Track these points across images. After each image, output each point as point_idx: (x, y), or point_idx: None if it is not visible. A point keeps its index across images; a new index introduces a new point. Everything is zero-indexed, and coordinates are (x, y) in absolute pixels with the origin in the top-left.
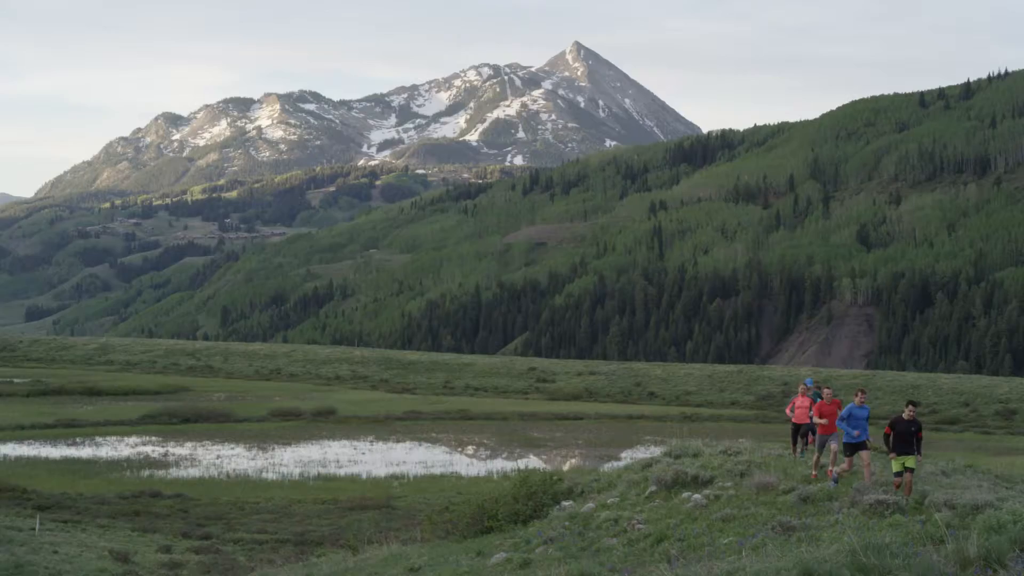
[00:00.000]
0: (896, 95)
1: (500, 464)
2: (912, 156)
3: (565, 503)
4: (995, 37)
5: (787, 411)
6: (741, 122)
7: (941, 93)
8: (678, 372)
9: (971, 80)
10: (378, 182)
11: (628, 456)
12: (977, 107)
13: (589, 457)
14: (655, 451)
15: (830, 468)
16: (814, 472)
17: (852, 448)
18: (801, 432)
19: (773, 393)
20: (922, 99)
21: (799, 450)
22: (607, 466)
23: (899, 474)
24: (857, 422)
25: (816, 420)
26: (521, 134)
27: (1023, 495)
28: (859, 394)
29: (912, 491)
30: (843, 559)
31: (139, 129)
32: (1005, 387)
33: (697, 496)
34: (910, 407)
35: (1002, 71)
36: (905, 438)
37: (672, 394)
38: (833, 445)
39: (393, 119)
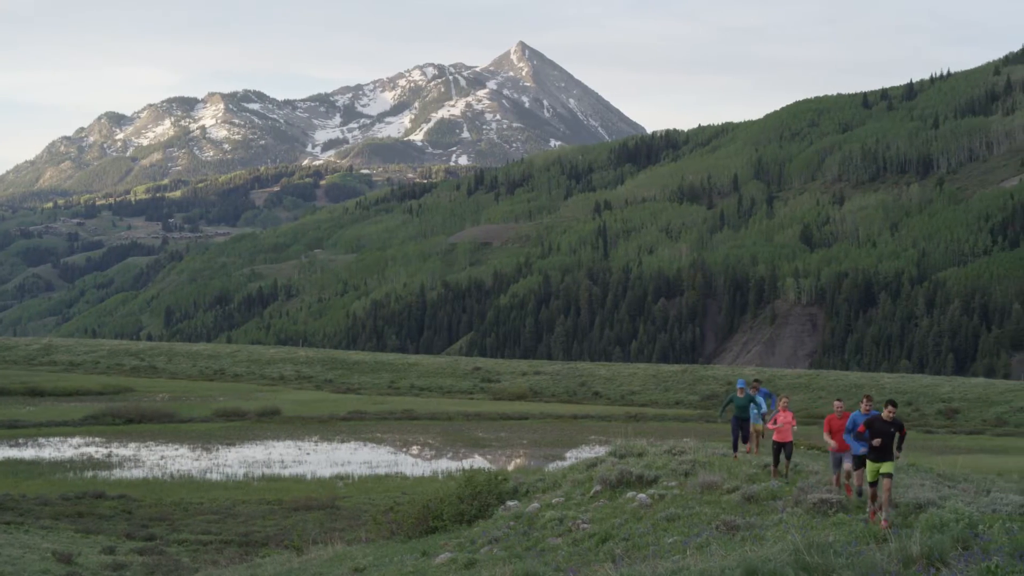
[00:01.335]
0: (839, 96)
1: (445, 464)
2: (855, 156)
3: (510, 503)
4: (938, 39)
5: (769, 426)
6: (685, 122)
7: (884, 94)
8: (623, 372)
9: (914, 81)
10: (323, 182)
11: (573, 456)
12: (920, 108)
13: (534, 457)
14: (600, 451)
15: (847, 483)
16: (848, 491)
17: (860, 461)
18: (786, 451)
19: (717, 393)
20: (865, 100)
21: (780, 470)
22: (552, 466)
23: (873, 483)
24: (861, 445)
25: (826, 439)
26: (466, 134)
27: (965, 494)
28: (865, 401)
29: (890, 501)
30: (787, 558)
31: (82, 128)
32: (947, 386)
33: (642, 496)
34: (889, 407)
35: (944, 72)
36: (884, 439)
37: (617, 394)
38: (847, 464)
39: (338, 119)
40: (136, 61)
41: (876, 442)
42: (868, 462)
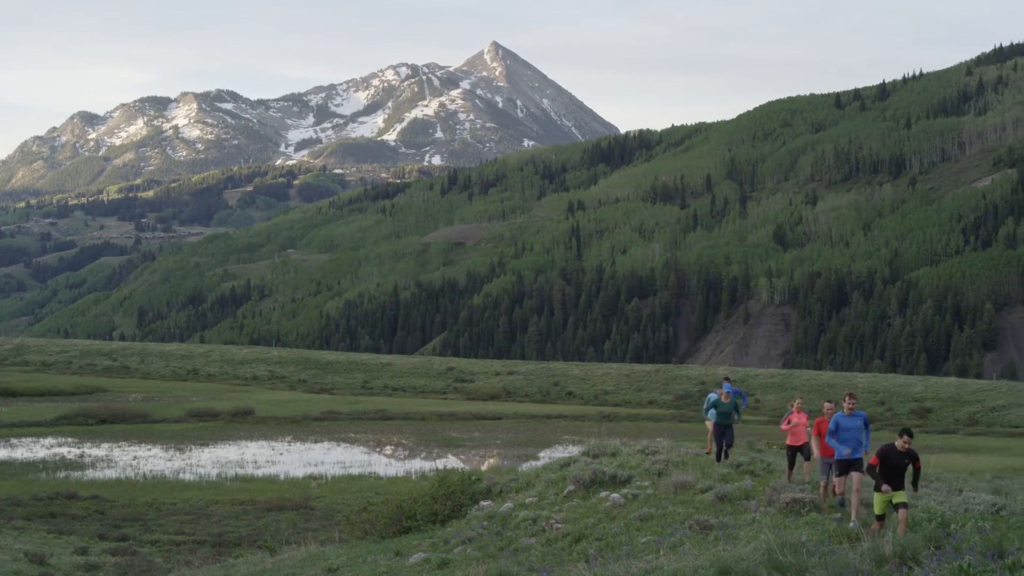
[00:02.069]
0: (812, 96)
1: (418, 464)
2: (828, 156)
3: (483, 503)
4: (911, 39)
5: (783, 427)
6: (659, 122)
7: (857, 94)
8: (596, 372)
9: (887, 81)
10: (296, 182)
11: (546, 456)
12: (892, 108)
13: (507, 457)
14: (573, 451)
15: (833, 489)
16: (825, 507)
17: (844, 467)
18: (803, 453)
19: (691, 392)
20: (838, 100)
21: (797, 476)
22: (525, 466)
23: (880, 517)
24: (847, 435)
25: (811, 445)
26: (439, 134)
27: (938, 493)
28: (847, 399)
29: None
30: (760, 557)
31: (55, 128)
32: (920, 386)
33: (615, 495)
34: (904, 437)
35: (917, 72)
36: (897, 472)
37: (590, 393)
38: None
39: (311, 119)
40: (109, 61)
41: (885, 488)
42: (876, 494)
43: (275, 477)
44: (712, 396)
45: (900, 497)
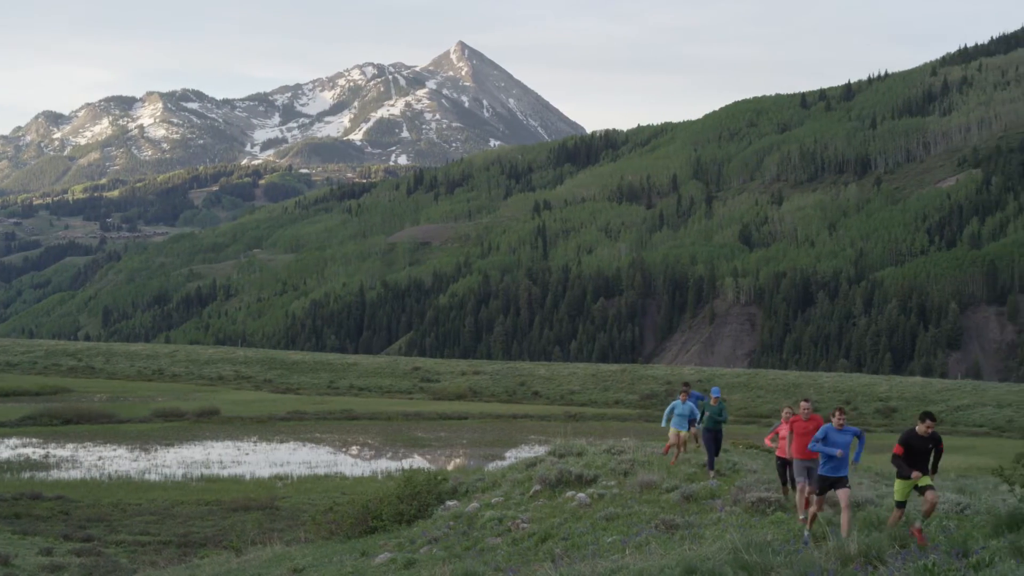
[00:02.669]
0: (778, 96)
1: (385, 464)
2: (794, 156)
3: (449, 503)
4: (876, 39)
5: (767, 441)
6: (625, 122)
7: (822, 94)
8: (562, 371)
9: (852, 81)
10: (262, 181)
11: (512, 456)
12: (858, 108)
13: (473, 457)
14: (539, 450)
15: (817, 504)
16: (800, 516)
17: (826, 483)
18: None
19: (657, 392)
20: (804, 100)
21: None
22: (491, 466)
23: (902, 504)
24: (835, 449)
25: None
26: (405, 134)
27: None
28: (837, 413)
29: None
30: (725, 557)
31: (19, 128)
32: (885, 385)
33: (581, 495)
34: (928, 421)
35: (882, 73)
36: (922, 457)
37: (556, 393)
38: (800, 481)
39: (277, 118)
40: (73, 60)
41: (915, 475)
42: (898, 481)
43: (241, 477)
44: (677, 403)
45: (925, 480)
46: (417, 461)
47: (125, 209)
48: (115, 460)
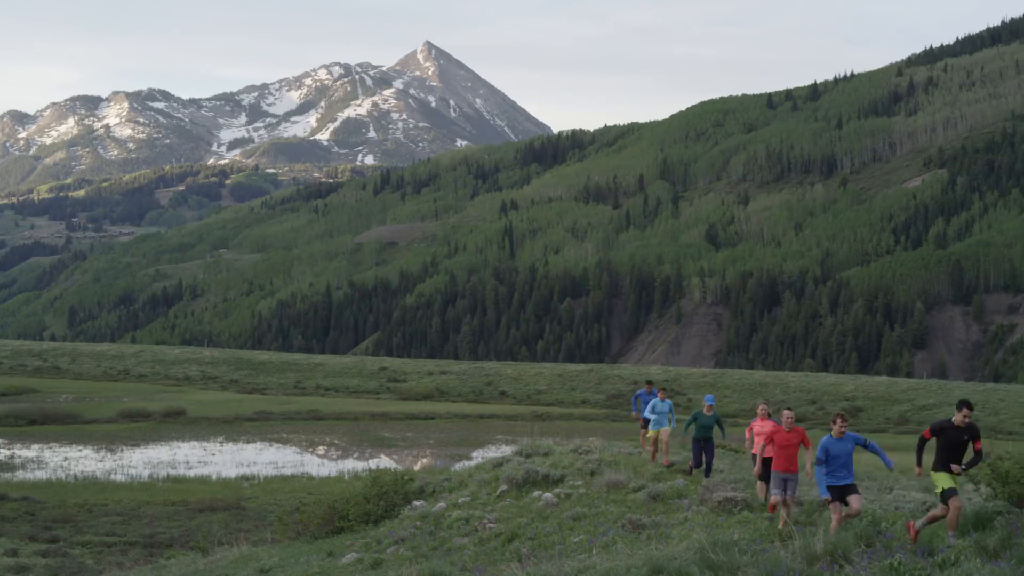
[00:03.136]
0: (744, 96)
1: (351, 464)
2: (760, 157)
3: (416, 503)
4: (841, 40)
5: (747, 436)
6: (591, 122)
7: (789, 94)
8: (529, 371)
9: (818, 82)
10: (228, 181)
11: (479, 455)
12: (824, 108)
13: (440, 457)
14: (506, 450)
15: (782, 517)
16: (782, 523)
17: (839, 492)
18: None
19: (623, 392)
20: (770, 100)
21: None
22: (458, 466)
23: (949, 493)
24: (839, 461)
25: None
26: (372, 133)
27: (868, 491)
28: (837, 421)
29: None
30: (692, 556)
31: None
32: (851, 385)
33: (548, 495)
34: (964, 410)
35: (848, 73)
36: (957, 451)
37: (523, 393)
38: (775, 496)
39: (243, 118)
40: (39, 59)
41: (955, 468)
42: (934, 474)
43: (207, 478)
44: (656, 401)
45: (951, 481)
46: (384, 461)
47: (91, 209)
48: (81, 461)
